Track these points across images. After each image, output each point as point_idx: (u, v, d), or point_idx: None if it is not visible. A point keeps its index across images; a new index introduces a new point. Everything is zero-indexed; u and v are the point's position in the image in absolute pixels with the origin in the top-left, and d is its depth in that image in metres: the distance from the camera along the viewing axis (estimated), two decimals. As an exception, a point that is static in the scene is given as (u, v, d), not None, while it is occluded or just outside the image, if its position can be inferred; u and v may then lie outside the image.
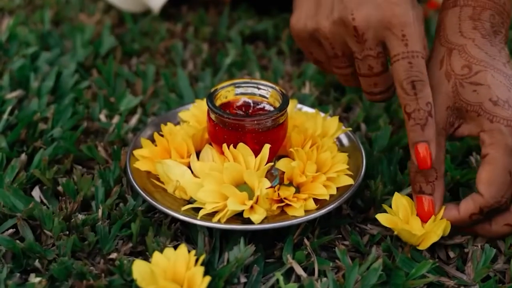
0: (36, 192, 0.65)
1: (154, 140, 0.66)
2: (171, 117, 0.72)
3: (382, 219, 0.59)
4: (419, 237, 0.58)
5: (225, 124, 0.61)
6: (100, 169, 0.66)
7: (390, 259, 0.58)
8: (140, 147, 0.66)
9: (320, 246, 0.61)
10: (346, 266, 0.57)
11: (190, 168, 0.63)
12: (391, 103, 0.79)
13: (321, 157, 0.63)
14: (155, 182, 0.64)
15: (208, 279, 0.52)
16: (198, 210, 0.59)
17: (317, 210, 0.60)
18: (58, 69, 0.83)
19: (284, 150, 0.66)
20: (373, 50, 0.60)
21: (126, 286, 0.55)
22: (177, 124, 0.71)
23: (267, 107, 0.65)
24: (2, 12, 1.02)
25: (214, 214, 0.59)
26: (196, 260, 0.53)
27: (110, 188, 0.65)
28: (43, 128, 0.73)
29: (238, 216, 0.59)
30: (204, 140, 0.67)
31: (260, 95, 0.66)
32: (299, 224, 0.61)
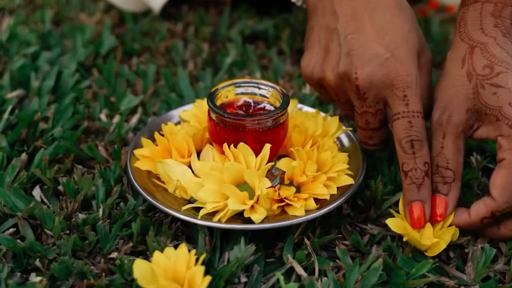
0: (36, 192, 0.65)
1: (154, 140, 0.66)
2: (171, 117, 0.72)
3: (392, 224, 0.59)
4: (429, 245, 0.58)
5: (225, 123, 0.61)
6: (100, 168, 0.67)
7: (390, 258, 0.58)
8: (141, 146, 0.66)
9: (320, 245, 0.61)
10: (347, 265, 0.57)
11: (190, 168, 0.63)
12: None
13: (321, 157, 0.63)
14: (156, 181, 0.64)
15: (209, 278, 0.52)
16: (198, 209, 0.59)
17: (317, 209, 0.60)
18: (58, 68, 0.83)
19: (284, 149, 0.66)
20: (372, 108, 0.61)
21: (126, 286, 0.55)
22: (177, 123, 0.71)
23: (268, 107, 0.65)
24: (2, 12, 1.02)
25: (214, 213, 0.59)
26: (197, 260, 0.53)
27: (111, 187, 0.65)
28: (43, 127, 0.73)
29: (239, 216, 0.60)
30: (204, 140, 0.67)
31: (261, 95, 0.66)
32: (300, 224, 0.61)
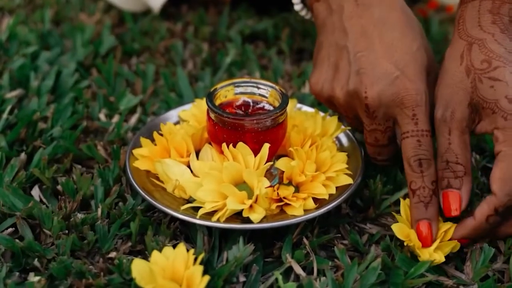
0: (35, 191, 0.65)
1: (153, 140, 0.66)
2: (170, 116, 0.72)
3: (397, 230, 0.59)
4: (426, 259, 0.58)
5: (224, 123, 0.61)
6: (99, 168, 0.67)
7: (389, 258, 0.58)
8: (140, 146, 0.66)
9: (319, 245, 0.61)
10: (345, 265, 0.57)
11: (189, 167, 0.63)
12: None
13: (320, 156, 0.63)
14: (155, 181, 0.64)
15: (207, 278, 0.52)
16: (197, 209, 0.59)
17: (316, 209, 0.60)
18: (58, 68, 0.83)
19: (283, 149, 0.66)
20: (381, 126, 0.62)
21: (125, 285, 0.55)
22: (176, 123, 0.71)
23: (267, 107, 0.65)
24: (2, 12, 1.02)
25: (213, 213, 0.59)
26: (195, 259, 0.53)
27: (110, 187, 0.65)
28: (42, 127, 0.73)
29: (238, 215, 0.60)
30: (203, 140, 0.67)
31: (260, 95, 0.66)
32: (298, 224, 0.61)
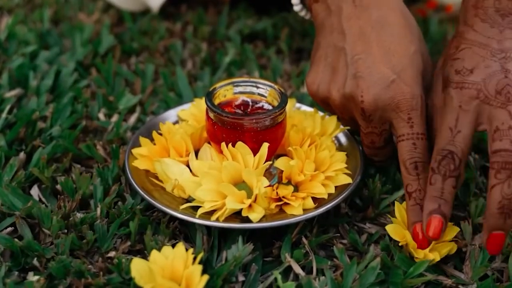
0: (34, 191, 0.65)
1: (153, 139, 0.66)
2: (169, 116, 0.72)
3: (391, 230, 0.59)
4: (421, 258, 0.58)
5: (223, 123, 0.61)
6: (98, 167, 0.67)
7: (388, 257, 0.58)
8: (139, 145, 0.66)
9: (318, 244, 0.61)
10: (344, 264, 0.57)
11: (188, 167, 0.63)
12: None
13: (319, 156, 0.63)
14: (154, 180, 0.64)
15: (206, 277, 0.52)
16: (196, 208, 0.59)
17: (315, 209, 0.60)
18: (57, 68, 0.83)
19: (282, 149, 0.66)
20: (377, 129, 0.62)
21: (124, 285, 0.55)
22: (175, 123, 0.71)
23: (266, 106, 0.65)
24: (1, 11, 1.01)
25: (212, 212, 0.59)
26: (194, 259, 0.53)
27: (109, 186, 0.65)
28: (42, 126, 0.73)
29: (237, 215, 0.60)
30: (202, 139, 0.67)
31: (259, 94, 0.66)
32: (298, 223, 0.61)
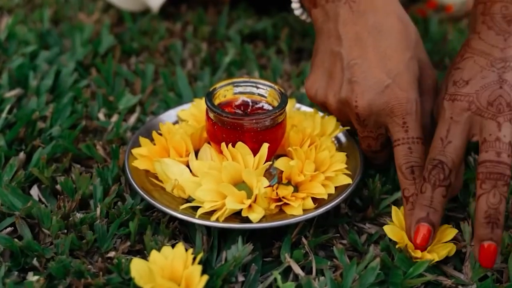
0: (34, 191, 0.65)
1: (152, 139, 0.66)
2: (169, 116, 0.72)
3: (389, 231, 0.59)
4: (419, 257, 0.58)
5: (223, 123, 0.61)
6: (98, 167, 0.66)
7: (388, 258, 0.58)
8: (139, 145, 0.66)
9: (318, 245, 0.61)
10: (344, 265, 0.57)
11: (188, 167, 0.63)
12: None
13: (319, 156, 0.63)
14: (154, 180, 0.64)
15: (206, 277, 0.52)
16: (196, 209, 0.59)
17: (315, 209, 0.60)
18: (57, 68, 0.83)
19: (282, 149, 0.66)
20: (373, 133, 0.63)
21: (124, 285, 0.55)
22: (175, 123, 0.71)
23: (266, 106, 0.65)
24: (1, 11, 1.01)
25: (212, 213, 0.59)
26: (194, 259, 0.53)
27: (109, 186, 0.65)
28: (41, 126, 0.73)
29: (237, 215, 0.60)
30: (202, 139, 0.67)
31: (259, 94, 0.66)
32: (297, 223, 0.61)
